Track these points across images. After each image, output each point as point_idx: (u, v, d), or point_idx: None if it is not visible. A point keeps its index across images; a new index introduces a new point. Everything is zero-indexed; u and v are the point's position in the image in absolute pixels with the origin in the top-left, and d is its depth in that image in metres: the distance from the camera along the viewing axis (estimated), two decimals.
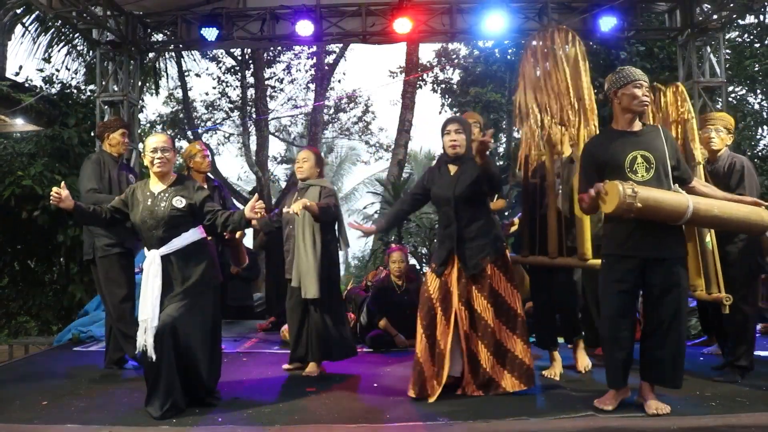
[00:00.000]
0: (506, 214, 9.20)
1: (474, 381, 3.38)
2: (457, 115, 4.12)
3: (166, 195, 3.26)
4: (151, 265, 3.17)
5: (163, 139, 3.32)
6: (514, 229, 4.40)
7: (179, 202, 3.23)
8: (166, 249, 3.20)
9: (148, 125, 12.85)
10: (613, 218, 2.95)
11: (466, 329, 3.37)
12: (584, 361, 3.99)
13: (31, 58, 10.27)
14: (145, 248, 3.28)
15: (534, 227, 3.96)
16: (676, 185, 2.99)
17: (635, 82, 2.95)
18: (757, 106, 11.21)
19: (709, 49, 7.01)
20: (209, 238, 4.51)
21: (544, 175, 3.95)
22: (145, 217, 3.23)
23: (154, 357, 3.06)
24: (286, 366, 4.20)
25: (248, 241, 5.99)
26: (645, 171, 2.92)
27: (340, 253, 4.44)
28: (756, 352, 4.28)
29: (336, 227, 4.13)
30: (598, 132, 3.68)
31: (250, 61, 13.91)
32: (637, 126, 3.03)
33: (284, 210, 4.05)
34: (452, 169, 3.53)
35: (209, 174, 5.03)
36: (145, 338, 3.08)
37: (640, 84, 2.95)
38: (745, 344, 3.61)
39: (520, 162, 4.12)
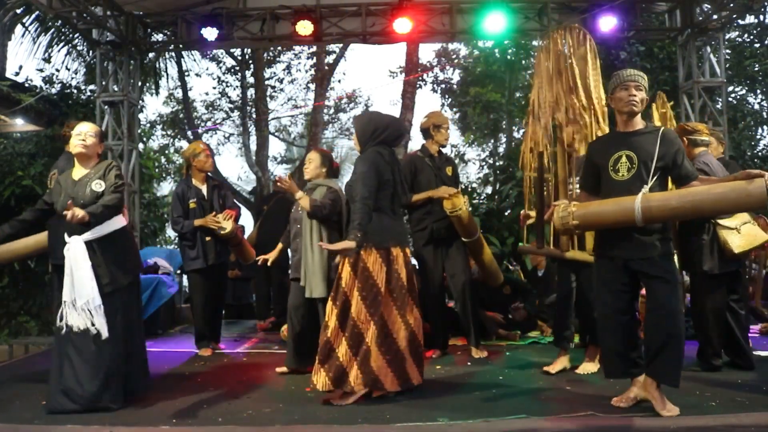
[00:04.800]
0: (506, 213, 9.21)
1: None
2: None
3: (86, 180, 3.33)
4: (77, 250, 3.19)
5: (89, 126, 3.43)
6: (531, 221, 4.35)
7: (98, 186, 3.29)
8: (89, 235, 3.23)
9: (148, 125, 12.88)
10: None
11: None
12: (589, 367, 3.94)
13: (31, 58, 10.27)
14: (66, 234, 3.26)
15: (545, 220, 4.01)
16: (645, 187, 2.95)
17: (621, 84, 3.03)
18: (757, 106, 11.22)
19: (709, 49, 7.01)
20: (208, 238, 4.49)
21: (556, 171, 4.01)
22: (65, 203, 3.26)
23: (105, 335, 3.14)
24: (279, 369, 4.11)
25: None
26: (626, 171, 2.99)
27: None
28: (756, 352, 4.32)
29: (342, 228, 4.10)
30: (608, 130, 3.77)
31: (250, 61, 13.91)
32: (637, 126, 3.07)
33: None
34: None
35: (209, 173, 5.03)
36: (93, 319, 3.14)
37: (626, 85, 3.01)
38: (705, 341, 3.85)
39: (523, 157, 4.19)
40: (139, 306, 3.55)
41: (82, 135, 3.37)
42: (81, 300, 3.16)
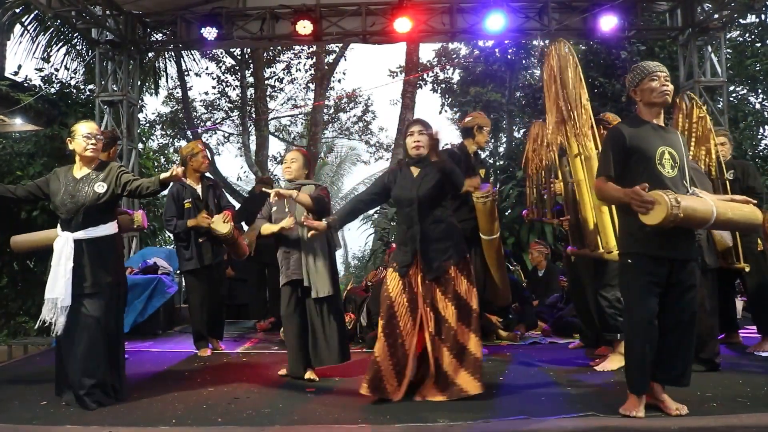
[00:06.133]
0: (507, 213, 9.20)
1: (436, 385, 3.32)
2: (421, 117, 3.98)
3: (89, 180, 3.35)
4: (64, 246, 3.26)
5: (96, 127, 3.47)
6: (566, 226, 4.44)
7: (101, 188, 3.32)
8: (82, 234, 3.28)
9: (148, 125, 12.87)
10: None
11: (432, 331, 3.33)
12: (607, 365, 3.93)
13: (30, 58, 10.24)
14: (59, 227, 3.37)
15: (577, 222, 4.07)
16: (693, 188, 2.95)
17: (650, 75, 2.91)
18: (758, 106, 11.24)
19: (710, 48, 7.01)
20: (201, 240, 4.42)
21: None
22: (65, 200, 3.32)
23: (60, 332, 3.21)
24: (281, 372, 4.05)
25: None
26: (671, 168, 2.87)
27: (340, 254, 4.43)
28: (756, 352, 4.31)
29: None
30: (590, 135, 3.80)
31: (250, 61, 13.91)
32: (661, 123, 3.00)
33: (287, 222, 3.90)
34: (415, 171, 3.50)
35: (204, 174, 5.01)
36: (57, 318, 3.20)
37: (657, 76, 2.90)
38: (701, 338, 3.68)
39: (527, 161, 4.29)
40: (120, 315, 3.53)
41: (93, 139, 3.38)
42: (50, 294, 3.22)
